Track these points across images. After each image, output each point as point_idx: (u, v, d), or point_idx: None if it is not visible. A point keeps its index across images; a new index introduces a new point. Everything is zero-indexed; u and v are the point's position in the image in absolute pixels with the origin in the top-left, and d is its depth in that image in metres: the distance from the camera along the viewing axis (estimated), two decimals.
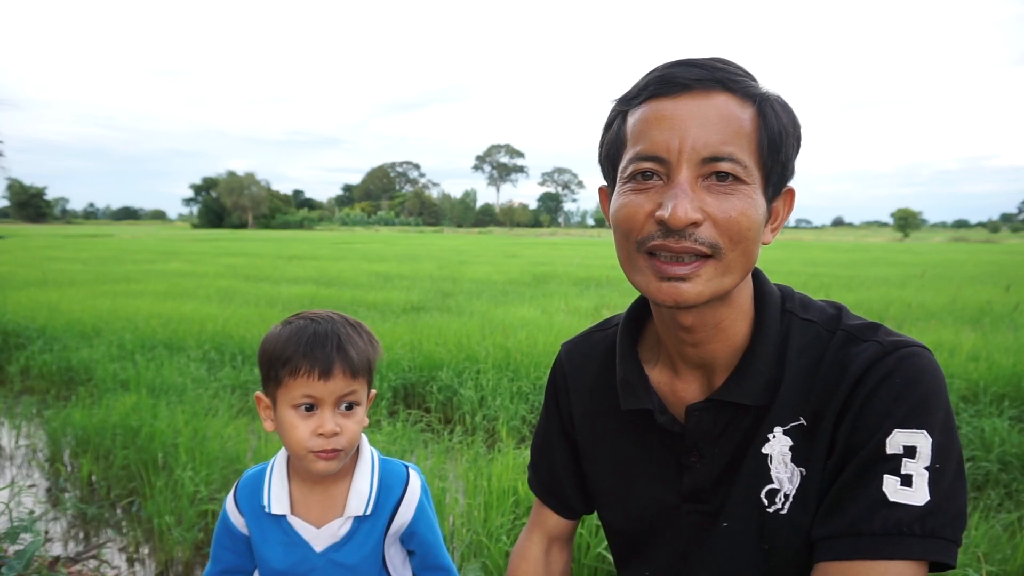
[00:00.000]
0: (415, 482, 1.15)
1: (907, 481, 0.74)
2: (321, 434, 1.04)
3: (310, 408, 1.05)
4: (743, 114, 0.78)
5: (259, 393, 1.11)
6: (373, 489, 1.11)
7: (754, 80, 0.82)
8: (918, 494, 0.73)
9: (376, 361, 1.12)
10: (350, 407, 1.07)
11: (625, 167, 0.82)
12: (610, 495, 1.01)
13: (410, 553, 1.20)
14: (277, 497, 1.11)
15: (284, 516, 1.11)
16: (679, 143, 0.76)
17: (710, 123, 0.76)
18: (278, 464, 1.15)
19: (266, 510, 1.11)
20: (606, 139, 0.87)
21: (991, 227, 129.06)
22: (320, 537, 1.10)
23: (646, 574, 0.98)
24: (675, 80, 0.78)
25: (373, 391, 1.16)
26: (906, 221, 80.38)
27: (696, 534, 0.91)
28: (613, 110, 0.86)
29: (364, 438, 1.19)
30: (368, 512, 1.10)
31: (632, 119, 0.82)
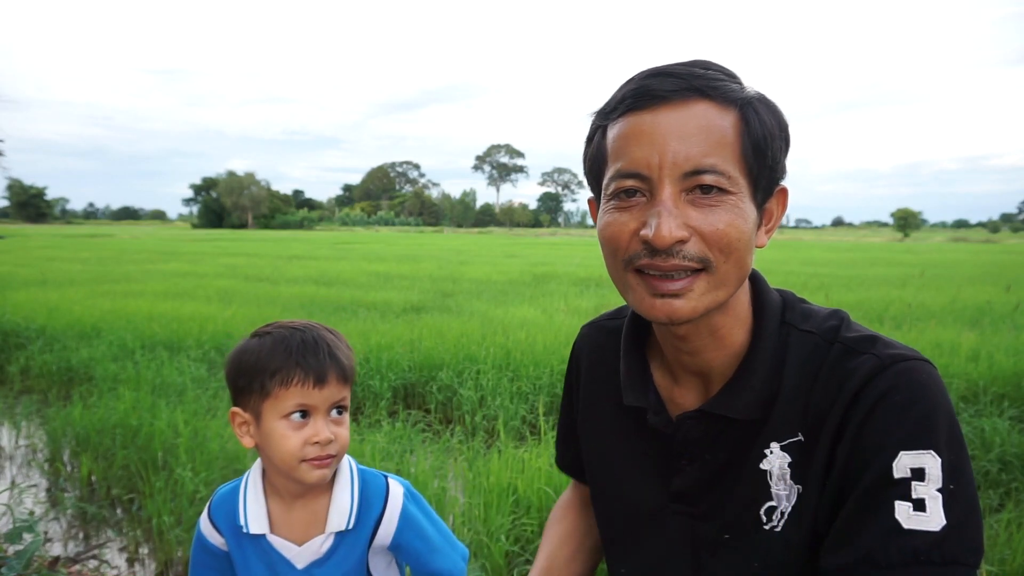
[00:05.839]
0: (396, 493, 1.13)
1: (920, 506, 0.70)
2: (317, 442, 1.02)
3: (304, 416, 1.03)
4: (724, 122, 0.75)
5: (235, 409, 1.06)
6: (354, 503, 1.09)
7: (737, 82, 0.78)
8: (933, 519, 0.69)
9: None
10: (340, 412, 1.07)
11: (607, 184, 0.79)
12: (602, 486, 1.00)
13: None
14: (254, 516, 1.08)
15: (263, 535, 1.07)
16: (659, 159, 0.74)
17: (689, 135, 0.74)
18: (252, 481, 1.11)
19: (244, 530, 1.07)
20: (588, 154, 0.85)
21: (991, 227, 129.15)
22: (302, 555, 1.08)
23: (622, 572, 0.97)
24: (651, 92, 0.75)
25: None
26: (906, 221, 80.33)
27: (681, 536, 0.89)
28: (592, 124, 0.83)
29: None
30: (350, 526, 1.08)
31: (611, 134, 0.79)
